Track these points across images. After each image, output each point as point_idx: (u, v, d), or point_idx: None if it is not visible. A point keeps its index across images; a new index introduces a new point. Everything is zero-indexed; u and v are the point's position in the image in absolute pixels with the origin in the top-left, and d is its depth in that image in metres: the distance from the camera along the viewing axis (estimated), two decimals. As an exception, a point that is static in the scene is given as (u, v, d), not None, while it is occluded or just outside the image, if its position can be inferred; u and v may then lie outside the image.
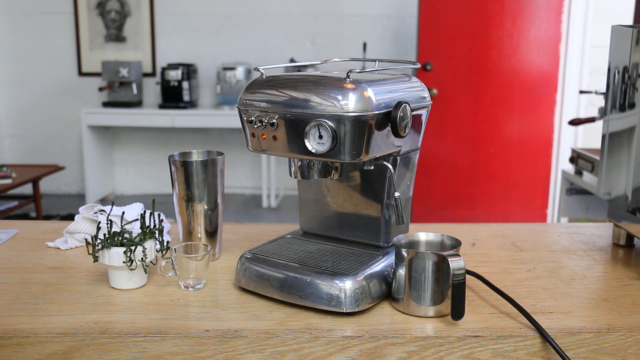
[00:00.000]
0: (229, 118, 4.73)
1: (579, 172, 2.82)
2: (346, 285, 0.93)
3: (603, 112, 1.38)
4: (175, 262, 1.02)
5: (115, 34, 5.08)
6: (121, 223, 1.07)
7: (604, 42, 4.42)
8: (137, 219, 1.08)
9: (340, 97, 0.89)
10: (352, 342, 0.87)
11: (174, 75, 4.73)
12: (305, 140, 0.91)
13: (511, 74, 3.92)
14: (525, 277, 1.09)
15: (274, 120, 0.94)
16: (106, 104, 4.82)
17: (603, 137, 1.23)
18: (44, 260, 1.16)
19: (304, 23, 5.02)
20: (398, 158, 1.03)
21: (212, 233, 1.15)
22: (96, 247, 1.01)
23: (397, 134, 0.93)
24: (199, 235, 1.14)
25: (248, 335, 0.88)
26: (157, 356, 0.87)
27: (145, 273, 1.03)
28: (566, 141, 4.18)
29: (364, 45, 4.66)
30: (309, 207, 1.15)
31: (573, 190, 2.97)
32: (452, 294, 0.88)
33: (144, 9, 5.03)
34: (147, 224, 1.06)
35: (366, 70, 1.00)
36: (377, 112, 0.90)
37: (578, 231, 1.36)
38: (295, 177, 1.01)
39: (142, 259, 1.00)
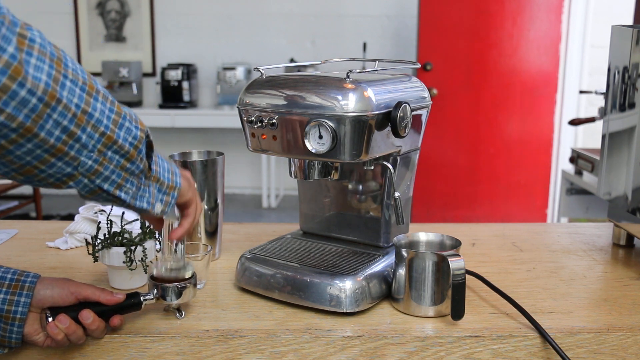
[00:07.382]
0: (229, 118, 4.72)
1: (579, 172, 2.82)
2: (346, 285, 0.93)
3: (603, 112, 1.38)
4: (175, 262, 1.02)
5: (115, 34, 5.07)
6: (121, 223, 1.07)
7: (604, 42, 4.41)
8: (137, 219, 1.08)
9: (340, 97, 0.89)
10: (352, 342, 0.87)
11: (174, 75, 4.72)
12: (305, 140, 0.91)
13: (511, 74, 3.92)
14: (525, 277, 1.09)
15: (274, 120, 0.94)
16: (106, 104, 4.82)
17: (603, 137, 1.23)
18: (44, 260, 1.15)
19: (304, 23, 5.02)
20: (398, 158, 1.03)
21: (212, 233, 1.15)
22: (96, 247, 1.01)
23: (397, 134, 0.93)
24: (199, 235, 1.14)
25: (248, 335, 0.88)
26: (157, 356, 0.87)
27: (145, 273, 1.03)
28: (566, 141, 4.18)
29: (364, 45, 4.66)
30: (309, 207, 1.15)
31: (573, 190, 2.96)
32: (452, 294, 0.88)
33: (144, 9, 5.02)
34: (147, 224, 1.05)
35: (366, 70, 1.00)
36: (377, 112, 0.90)
37: (578, 231, 1.36)
38: (295, 177, 1.01)
39: (142, 259, 1.00)
